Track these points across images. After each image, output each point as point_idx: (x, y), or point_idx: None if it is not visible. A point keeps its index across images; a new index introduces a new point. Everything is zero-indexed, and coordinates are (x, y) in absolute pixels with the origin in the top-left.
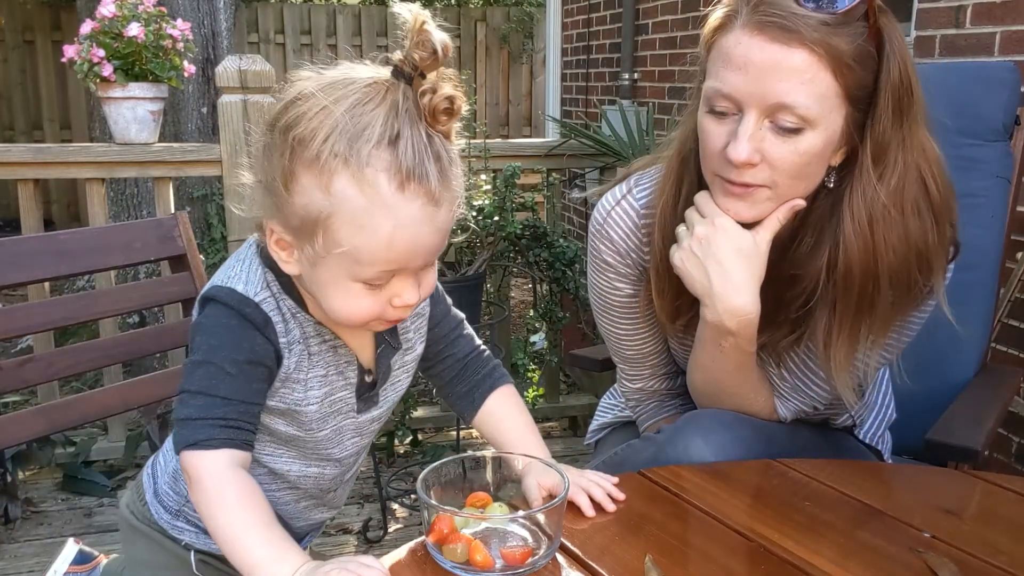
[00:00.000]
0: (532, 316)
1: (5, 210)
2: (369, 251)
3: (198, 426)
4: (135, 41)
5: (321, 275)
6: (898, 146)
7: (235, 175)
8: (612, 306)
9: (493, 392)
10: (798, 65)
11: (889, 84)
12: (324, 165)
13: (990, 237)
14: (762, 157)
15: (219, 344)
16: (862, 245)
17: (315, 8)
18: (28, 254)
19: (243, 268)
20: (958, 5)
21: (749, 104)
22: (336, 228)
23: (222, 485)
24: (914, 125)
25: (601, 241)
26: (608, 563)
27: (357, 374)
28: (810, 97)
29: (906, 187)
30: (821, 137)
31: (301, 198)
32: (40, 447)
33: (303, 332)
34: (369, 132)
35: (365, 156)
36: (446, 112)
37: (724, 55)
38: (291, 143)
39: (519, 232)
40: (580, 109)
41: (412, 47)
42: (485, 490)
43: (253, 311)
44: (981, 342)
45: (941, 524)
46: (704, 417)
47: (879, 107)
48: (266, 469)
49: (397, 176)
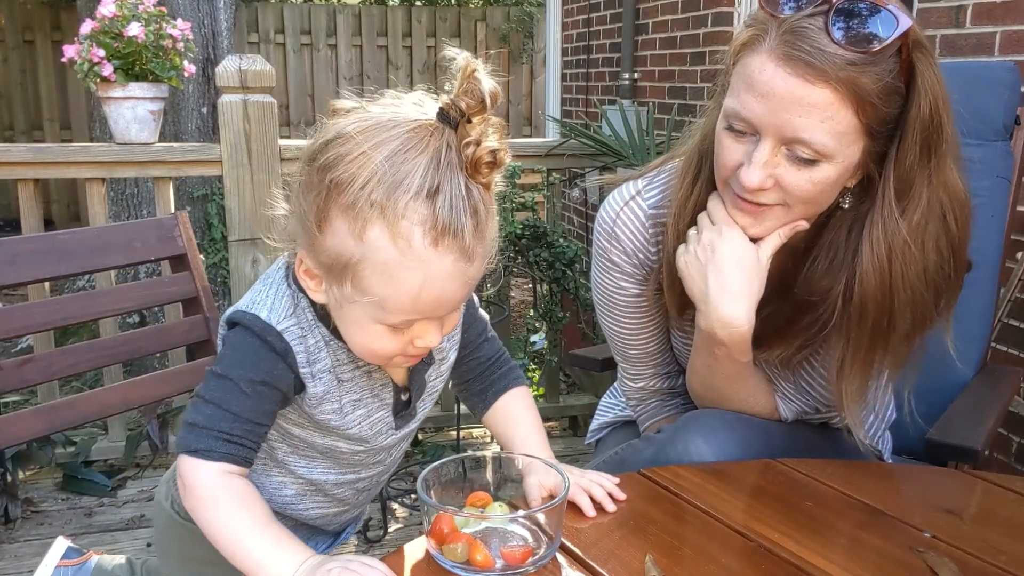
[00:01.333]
0: (532, 316)
1: (5, 210)
2: (396, 302)
3: (202, 435)
4: (135, 41)
5: (346, 315)
6: (923, 182)
7: (233, 176)
8: (616, 305)
9: (507, 392)
10: (819, 103)
11: (918, 121)
12: (359, 212)
13: (990, 237)
14: (775, 182)
15: (239, 362)
16: (879, 279)
17: (315, 8)
18: (28, 254)
19: (269, 293)
20: (958, 5)
21: (766, 132)
22: (365, 276)
23: (216, 492)
24: (941, 162)
25: (608, 240)
26: (608, 563)
27: (392, 395)
28: (828, 134)
29: (928, 224)
30: (836, 169)
31: (333, 239)
32: (40, 447)
33: (335, 360)
34: (408, 182)
35: (401, 208)
36: (488, 165)
37: (747, 77)
38: (328, 185)
39: (519, 232)
40: (580, 109)
41: (460, 93)
42: (485, 490)
43: (275, 340)
44: (981, 342)
45: (941, 524)
46: (705, 417)
47: (905, 142)
48: (302, 480)
49: (432, 232)
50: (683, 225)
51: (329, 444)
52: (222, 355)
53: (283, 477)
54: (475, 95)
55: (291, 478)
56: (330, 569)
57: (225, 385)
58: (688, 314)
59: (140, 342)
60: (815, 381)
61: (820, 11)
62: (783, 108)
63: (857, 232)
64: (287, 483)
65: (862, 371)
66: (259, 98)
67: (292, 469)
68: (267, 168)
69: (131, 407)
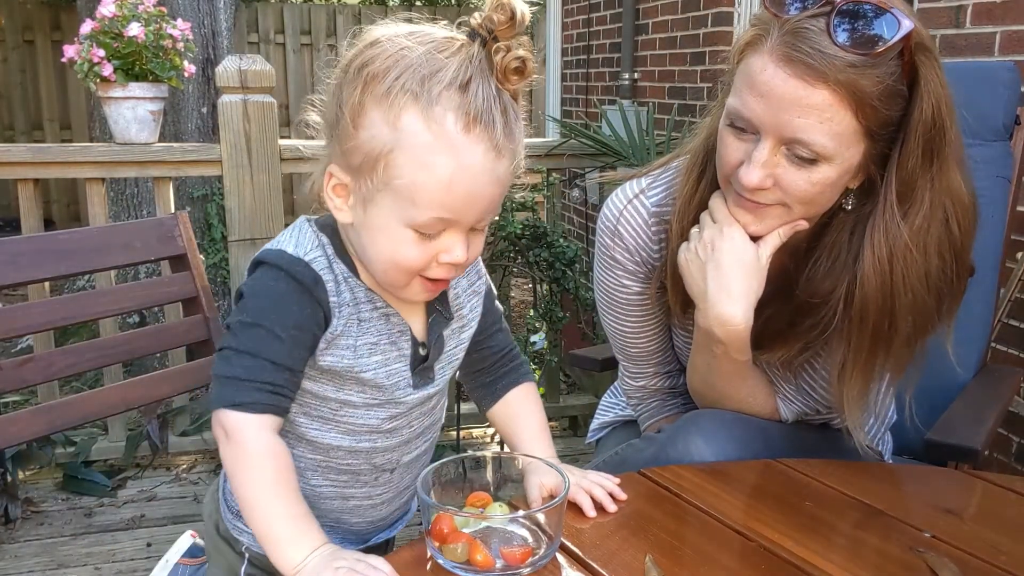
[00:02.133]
0: (532, 316)
1: (5, 210)
2: (427, 189)
3: (244, 387)
4: (135, 41)
5: (373, 218)
6: (926, 185)
7: (233, 176)
8: (618, 303)
9: (516, 387)
10: (818, 104)
11: (920, 124)
12: (394, 100)
13: (990, 237)
14: (775, 182)
15: (269, 307)
16: (880, 283)
17: (315, 8)
18: (28, 254)
19: (293, 234)
20: (958, 5)
21: (766, 131)
22: (398, 163)
23: (261, 457)
24: (944, 165)
25: (611, 238)
26: (608, 563)
27: (411, 345)
28: (827, 135)
29: (931, 227)
30: (836, 170)
31: (367, 132)
32: (40, 447)
33: (354, 296)
34: (442, 74)
35: (436, 94)
36: (516, 71)
37: (748, 77)
38: (364, 78)
39: (519, 232)
40: (580, 109)
41: (491, 10)
42: (485, 490)
43: (303, 270)
44: (981, 342)
45: (941, 524)
46: (705, 417)
47: (907, 145)
48: (314, 447)
49: (464, 117)
50: (687, 222)
51: (343, 398)
52: (247, 305)
53: (293, 444)
54: (506, 11)
55: (302, 446)
56: (338, 568)
57: (259, 334)
58: (691, 312)
59: (140, 342)
60: (816, 383)
61: (822, 12)
62: (782, 108)
63: (859, 234)
64: (297, 455)
65: (863, 375)
66: (259, 98)
67: (302, 433)
68: (267, 168)
69: (131, 407)
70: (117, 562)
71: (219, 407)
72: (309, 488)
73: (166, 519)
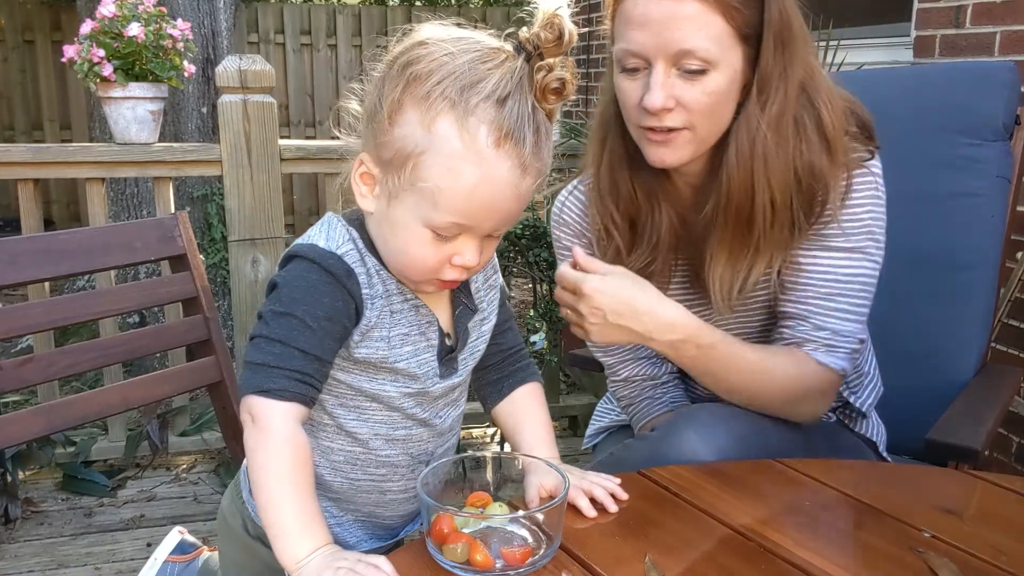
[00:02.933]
0: (532, 316)
1: (5, 210)
2: (449, 196)
3: (274, 374)
4: (135, 41)
5: (396, 213)
6: (779, 76)
7: (233, 176)
8: None
9: (522, 386)
10: (691, 13)
11: (771, 22)
12: (432, 104)
13: (990, 237)
14: (676, 102)
15: (301, 298)
16: (740, 166)
17: (315, 8)
18: (28, 254)
19: (324, 228)
20: (958, 5)
21: (656, 56)
22: (426, 165)
23: (284, 441)
24: (794, 56)
25: (559, 228)
26: (608, 563)
27: (438, 336)
28: (707, 40)
29: (786, 113)
30: (725, 76)
31: (401, 130)
32: (40, 447)
33: (386, 288)
34: (482, 86)
35: (472, 105)
36: (555, 92)
37: (626, 17)
38: (407, 77)
39: (519, 232)
40: (580, 109)
41: (540, 27)
42: (485, 490)
43: (336, 263)
44: (981, 342)
45: (941, 524)
46: (698, 412)
47: (763, 43)
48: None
49: (496, 132)
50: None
51: (376, 388)
52: (280, 296)
53: (332, 437)
54: (555, 30)
55: (340, 437)
56: (339, 568)
57: (290, 323)
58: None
59: (140, 342)
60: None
61: None
62: (663, 28)
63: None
64: (335, 448)
65: (730, 258)
66: (259, 98)
67: (341, 424)
68: (267, 168)
69: (131, 407)
70: (117, 562)
71: (247, 393)
72: (348, 482)
73: (166, 519)
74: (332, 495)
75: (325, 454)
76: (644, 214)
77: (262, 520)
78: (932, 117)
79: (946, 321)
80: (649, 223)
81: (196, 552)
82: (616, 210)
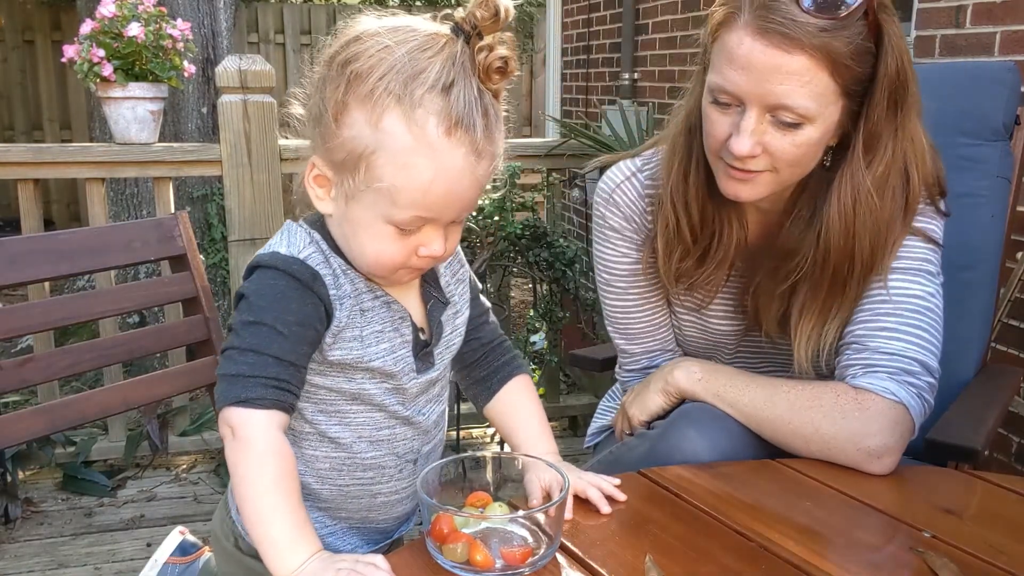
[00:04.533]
0: (532, 316)
1: (5, 210)
2: (407, 192)
3: (249, 383)
4: (135, 41)
5: (355, 213)
6: (890, 136)
7: (233, 176)
8: (619, 276)
9: (511, 380)
10: (797, 69)
11: (886, 78)
12: (377, 101)
13: (990, 237)
14: (763, 149)
15: (269, 306)
16: (843, 226)
17: (315, 8)
18: (28, 254)
19: (284, 236)
20: (958, 5)
21: (751, 102)
22: (379, 164)
23: (267, 451)
24: (907, 116)
25: (606, 207)
26: (608, 563)
27: (412, 331)
28: (808, 98)
29: (891, 175)
30: (819, 130)
31: (349, 131)
32: (40, 447)
33: (355, 288)
34: (425, 76)
35: (418, 97)
36: (499, 71)
37: (727, 53)
38: (348, 76)
39: (519, 232)
40: (580, 109)
41: (475, 6)
42: (485, 490)
43: (300, 268)
44: (981, 342)
45: (941, 524)
46: (696, 411)
47: (875, 98)
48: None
49: (445, 121)
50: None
51: (357, 388)
52: (249, 303)
53: (315, 446)
54: (489, 7)
55: (323, 445)
56: (339, 570)
57: (261, 331)
58: (683, 284)
59: (140, 342)
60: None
61: None
62: (764, 78)
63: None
64: (319, 456)
65: (820, 313)
66: (259, 98)
67: (323, 430)
68: (267, 168)
69: (131, 407)
70: (117, 562)
71: (225, 405)
72: (336, 489)
73: (166, 519)
74: (322, 504)
75: (310, 463)
76: (712, 227)
77: (251, 535)
78: (932, 117)
79: (946, 321)
80: (716, 238)
81: (198, 553)
82: (689, 212)
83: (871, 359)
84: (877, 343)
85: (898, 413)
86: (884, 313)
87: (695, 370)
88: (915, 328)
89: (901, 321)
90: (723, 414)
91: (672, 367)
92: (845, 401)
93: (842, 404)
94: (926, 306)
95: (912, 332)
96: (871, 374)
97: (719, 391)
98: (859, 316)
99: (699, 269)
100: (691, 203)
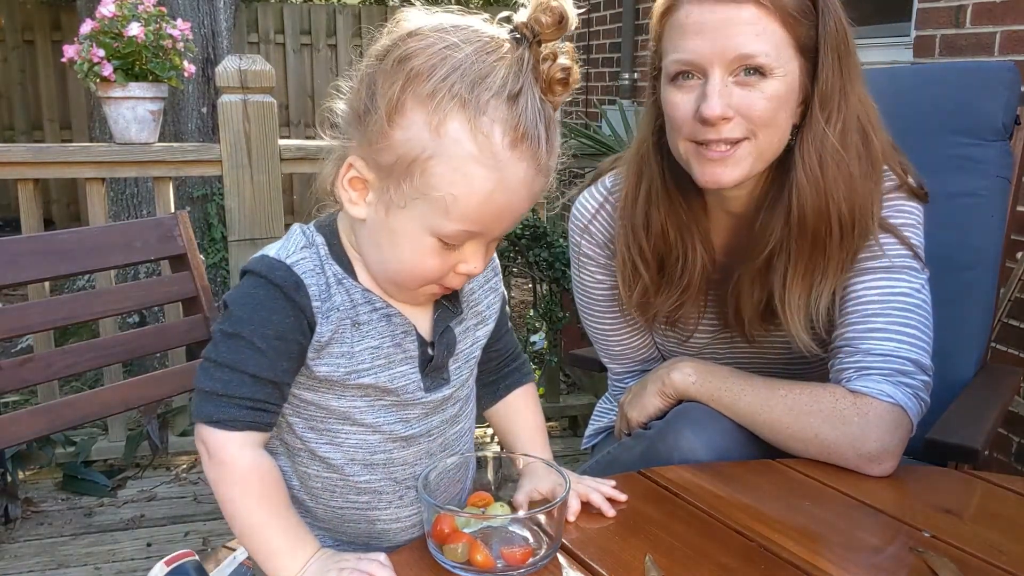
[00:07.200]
0: (532, 316)
1: (5, 210)
2: (462, 203)
3: (222, 403)
4: (135, 41)
5: (397, 223)
6: (840, 92)
7: (233, 176)
8: (595, 300)
9: (518, 388)
10: (749, 18)
11: (828, 36)
12: (439, 103)
13: (990, 237)
14: (735, 112)
15: (247, 317)
16: (814, 187)
17: (315, 8)
18: (28, 254)
19: (284, 239)
20: (958, 5)
21: (712, 63)
22: (436, 172)
23: (247, 475)
24: (852, 73)
25: (582, 235)
26: (608, 563)
27: (418, 346)
28: (766, 44)
29: (849, 131)
30: (782, 84)
31: (404, 133)
32: (40, 447)
33: (349, 299)
34: (491, 80)
35: (484, 103)
36: (561, 83)
37: (678, 27)
38: (406, 73)
39: (519, 232)
40: (580, 109)
41: (538, 11)
42: (486, 490)
43: (284, 274)
44: (981, 342)
45: (941, 524)
46: (692, 410)
47: (821, 57)
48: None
49: (512, 132)
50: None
51: (347, 406)
52: (229, 313)
53: (307, 463)
54: (554, 13)
55: (314, 463)
56: (342, 569)
57: (238, 345)
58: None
59: (140, 342)
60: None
61: None
62: (720, 34)
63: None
64: (311, 474)
65: (804, 280)
66: (259, 98)
67: (313, 449)
68: (267, 168)
69: (131, 407)
70: (117, 562)
71: (198, 421)
72: (330, 510)
73: (166, 519)
74: (320, 524)
75: (303, 480)
76: (676, 253)
77: (247, 548)
78: (932, 117)
79: (946, 321)
80: (680, 263)
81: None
82: (647, 246)
83: (864, 361)
84: (869, 345)
85: (896, 416)
86: (872, 314)
87: (691, 372)
88: (905, 327)
89: (890, 321)
90: (721, 415)
91: (669, 369)
92: (844, 406)
93: (840, 409)
94: (913, 303)
95: (902, 331)
96: (866, 377)
97: (716, 394)
98: (847, 319)
99: (667, 301)
100: (653, 223)
